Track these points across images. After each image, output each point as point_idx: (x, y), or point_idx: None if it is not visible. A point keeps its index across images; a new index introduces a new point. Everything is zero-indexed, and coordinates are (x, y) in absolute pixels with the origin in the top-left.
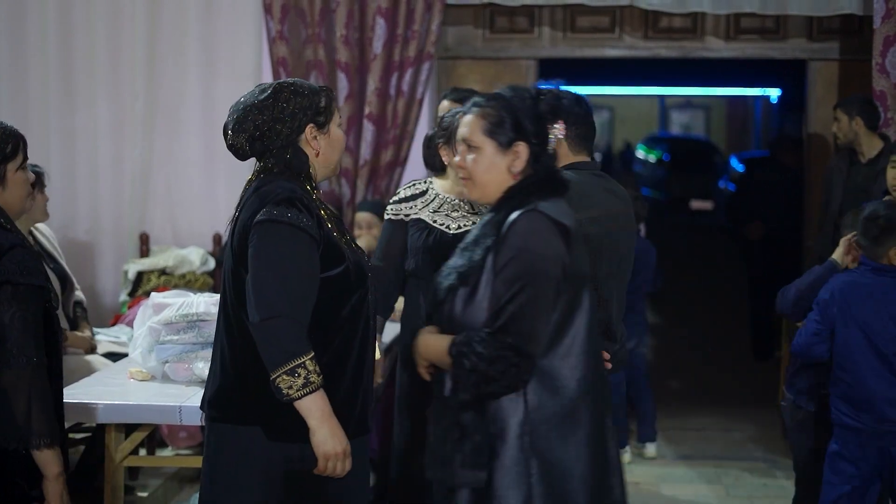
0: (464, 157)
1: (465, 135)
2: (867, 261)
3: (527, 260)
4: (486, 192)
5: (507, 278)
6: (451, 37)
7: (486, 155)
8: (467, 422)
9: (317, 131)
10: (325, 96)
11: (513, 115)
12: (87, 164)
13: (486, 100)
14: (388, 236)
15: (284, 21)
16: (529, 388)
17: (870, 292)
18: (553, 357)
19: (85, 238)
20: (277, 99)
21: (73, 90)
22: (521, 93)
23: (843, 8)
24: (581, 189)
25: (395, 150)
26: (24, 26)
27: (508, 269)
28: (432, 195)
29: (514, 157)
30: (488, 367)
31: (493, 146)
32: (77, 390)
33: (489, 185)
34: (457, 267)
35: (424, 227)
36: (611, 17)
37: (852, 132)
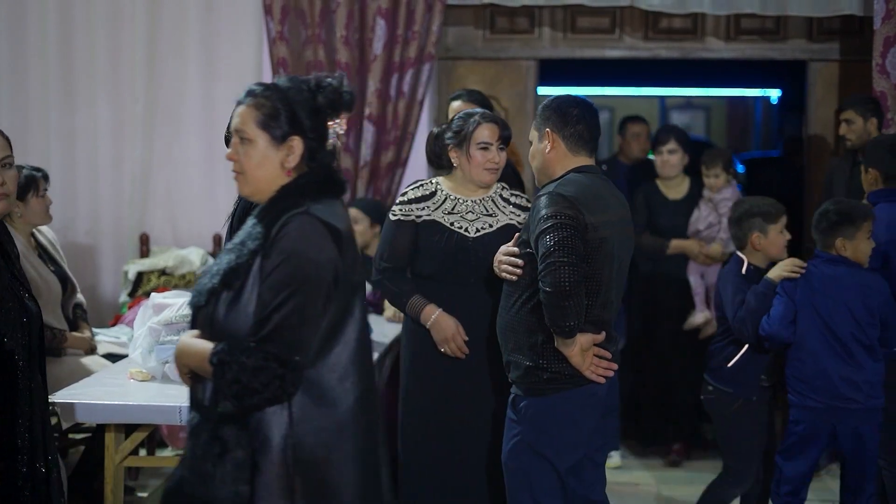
0: (236, 149)
1: (238, 125)
2: (820, 252)
3: (296, 265)
4: (259, 189)
5: (274, 284)
6: (452, 37)
7: (259, 148)
8: (228, 436)
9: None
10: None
11: (289, 108)
12: (88, 165)
13: (262, 89)
14: (393, 237)
15: (284, 22)
16: (295, 399)
17: (826, 281)
18: (321, 367)
19: (85, 239)
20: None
21: (73, 91)
22: (298, 84)
23: (844, 9)
24: (595, 192)
25: (395, 151)
26: (24, 26)
27: (276, 274)
28: (442, 196)
29: (287, 153)
30: (251, 379)
31: (267, 139)
32: (77, 390)
33: (261, 181)
34: (220, 268)
35: (443, 231)
36: (611, 18)
37: (866, 133)
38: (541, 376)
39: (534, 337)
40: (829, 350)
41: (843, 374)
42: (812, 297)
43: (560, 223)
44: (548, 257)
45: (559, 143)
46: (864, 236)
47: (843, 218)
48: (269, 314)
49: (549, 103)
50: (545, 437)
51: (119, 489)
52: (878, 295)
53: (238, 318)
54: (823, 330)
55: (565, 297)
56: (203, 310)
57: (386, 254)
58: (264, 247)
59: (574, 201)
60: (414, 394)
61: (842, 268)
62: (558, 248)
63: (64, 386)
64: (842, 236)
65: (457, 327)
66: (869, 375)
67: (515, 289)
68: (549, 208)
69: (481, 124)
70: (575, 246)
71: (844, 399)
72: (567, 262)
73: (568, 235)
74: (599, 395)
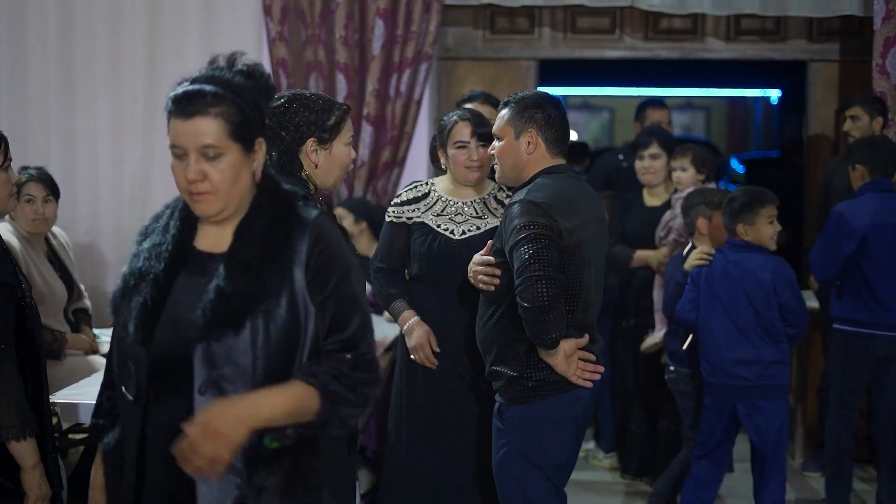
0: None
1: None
2: (731, 239)
3: (356, 274)
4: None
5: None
6: (452, 37)
7: (233, 162)
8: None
9: (317, 145)
10: (337, 115)
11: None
12: (88, 165)
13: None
14: (389, 238)
15: (284, 22)
16: None
17: (728, 269)
18: None
19: (85, 239)
20: (288, 109)
21: (74, 91)
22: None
23: (844, 9)
24: (567, 195)
25: (392, 150)
26: (24, 27)
27: (345, 285)
28: (434, 197)
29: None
30: (361, 396)
31: (239, 150)
32: (77, 390)
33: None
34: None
35: (428, 232)
36: (611, 18)
37: (870, 131)
38: (525, 385)
39: (515, 347)
40: (726, 332)
41: (737, 355)
42: (713, 282)
43: (534, 234)
44: (523, 272)
45: (540, 144)
46: (765, 221)
47: (743, 204)
48: (347, 324)
49: (527, 102)
50: (534, 445)
51: None
52: (778, 279)
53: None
54: (722, 313)
55: (545, 311)
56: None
57: (381, 254)
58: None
59: (547, 208)
60: (402, 395)
61: (745, 253)
62: (533, 261)
63: (64, 386)
64: (742, 222)
65: (427, 337)
66: (763, 356)
67: (493, 299)
68: (522, 218)
69: (457, 123)
70: (550, 257)
71: (739, 378)
72: (543, 276)
73: (543, 247)
74: (585, 399)
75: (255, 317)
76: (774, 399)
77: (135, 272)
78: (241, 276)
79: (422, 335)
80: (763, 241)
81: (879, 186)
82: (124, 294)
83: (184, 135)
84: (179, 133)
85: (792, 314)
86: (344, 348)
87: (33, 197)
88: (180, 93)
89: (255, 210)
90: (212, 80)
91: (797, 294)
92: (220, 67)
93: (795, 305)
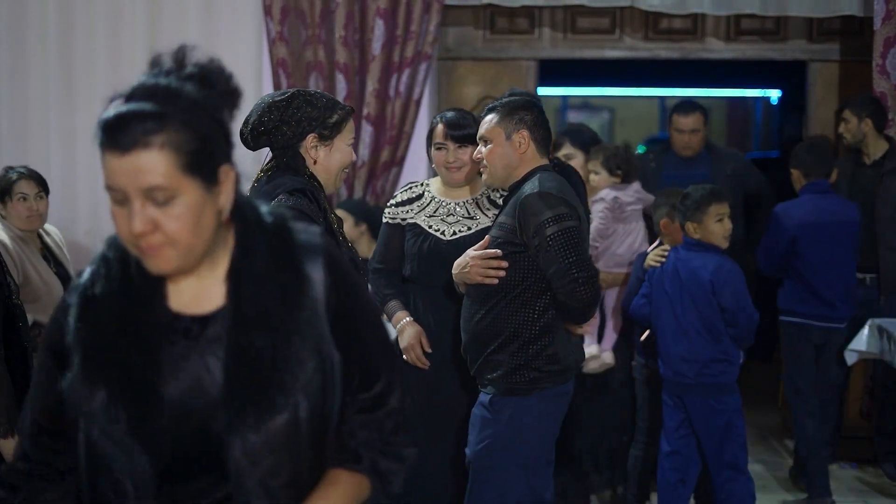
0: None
1: (149, 182)
2: (685, 237)
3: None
4: (194, 257)
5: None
6: (452, 37)
7: (190, 203)
8: None
9: (318, 142)
10: (340, 115)
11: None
12: (88, 165)
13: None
14: (385, 239)
15: (284, 22)
16: None
17: (676, 267)
18: None
19: (85, 239)
20: (290, 104)
21: (74, 91)
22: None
23: (844, 9)
24: (566, 185)
25: (391, 150)
26: (24, 26)
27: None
28: (428, 198)
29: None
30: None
31: (198, 185)
32: None
33: (200, 245)
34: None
35: (420, 233)
36: (611, 18)
37: (861, 133)
38: (526, 375)
39: (519, 337)
40: (671, 329)
41: (679, 351)
42: (664, 280)
43: (564, 229)
44: (563, 275)
45: (531, 145)
46: (712, 220)
47: (692, 203)
48: (378, 374)
49: (515, 104)
50: (523, 436)
51: None
52: (716, 279)
53: (323, 401)
54: (669, 311)
55: (592, 305)
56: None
57: (378, 255)
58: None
59: (562, 195)
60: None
61: (694, 252)
62: (573, 263)
63: None
64: (690, 220)
65: (419, 337)
66: (703, 354)
67: (496, 291)
68: (548, 211)
69: (437, 125)
70: (583, 251)
71: (682, 374)
72: (586, 277)
73: (576, 242)
74: (569, 394)
75: (293, 387)
76: (716, 397)
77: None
78: (261, 336)
79: (413, 336)
80: (712, 240)
81: (816, 187)
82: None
83: (121, 174)
84: (115, 172)
85: (729, 313)
86: (377, 404)
87: (26, 194)
88: (111, 117)
89: (246, 247)
90: (153, 93)
91: (736, 294)
92: (164, 72)
93: (732, 304)
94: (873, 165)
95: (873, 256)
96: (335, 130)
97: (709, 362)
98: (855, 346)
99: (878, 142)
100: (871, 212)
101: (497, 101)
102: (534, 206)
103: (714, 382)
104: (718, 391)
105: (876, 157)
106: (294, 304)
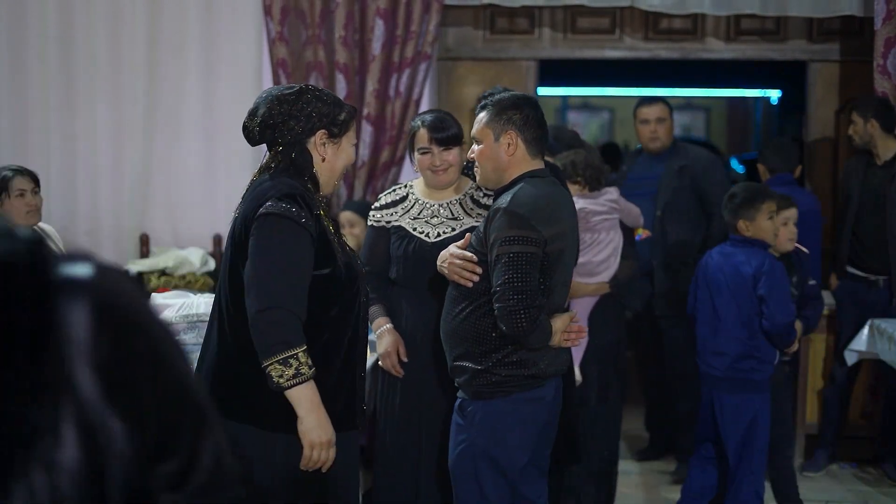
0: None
1: None
2: (731, 235)
3: None
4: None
5: None
6: (452, 38)
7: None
8: None
9: (327, 138)
10: (347, 113)
11: None
12: (88, 166)
13: None
14: (371, 242)
15: (284, 22)
16: None
17: (720, 263)
18: None
19: (85, 239)
20: (300, 97)
21: (74, 92)
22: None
23: (844, 9)
24: (548, 201)
25: (391, 150)
26: (24, 28)
27: None
28: (412, 200)
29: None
30: None
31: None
32: None
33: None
34: None
35: (405, 236)
36: (611, 19)
37: (868, 134)
38: (489, 380)
39: (483, 344)
40: (709, 322)
41: (714, 344)
42: (708, 274)
43: (515, 253)
44: (500, 299)
45: (520, 146)
46: (764, 217)
47: (742, 201)
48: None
49: (505, 104)
50: (493, 441)
51: None
52: (758, 271)
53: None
54: (709, 303)
55: (525, 335)
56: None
57: (364, 258)
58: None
59: (529, 219)
60: (384, 398)
61: (738, 248)
62: (510, 289)
63: None
64: (743, 218)
65: (396, 346)
66: (735, 349)
67: (466, 295)
68: (504, 231)
69: (419, 129)
70: (528, 279)
71: (712, 367)
72: (521, 306)
73: (522, 269)
74: (546, 400)
75: (24, 476)
76: (744, 394)
77: None
78: None
79: (390, 343)
80: (763, 236)
81: (780, 180)
82: None
83: None
84: None
85: (767, 307)
86: (184, 478)
87: (23, 190)
88: None
89: None
90: None
91: (774, 285)
92: None
93: (768, 294)
94: (884, 166)
95: (885, 258)
96: (344, 128)
97: (739, 358)
98: (855, 346)
99: (886, 142)
100: (882, 213)
101: (490, 98)
102: (498, 220)
103: (744, 378)
104: (747, 388)
105: (886, 158)
106: (27, 357)
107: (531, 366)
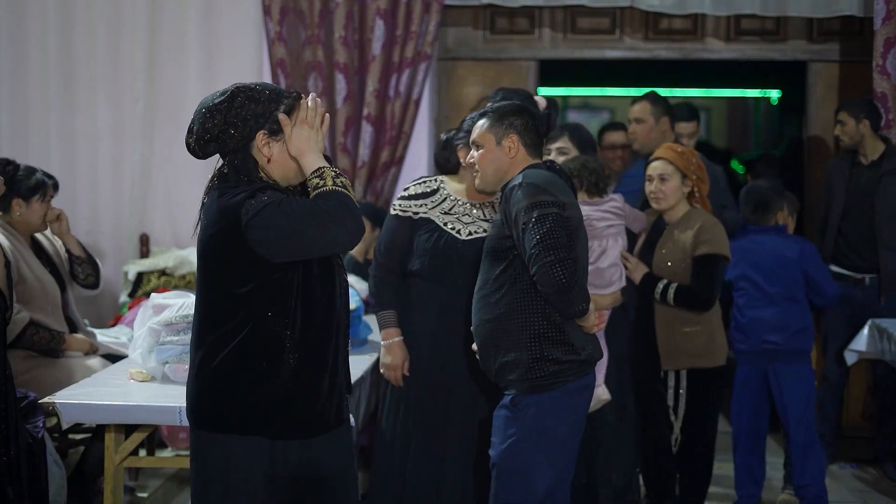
0: None
1: None
2: (751, 227)
3: None
4: None
5: None
6: (452, 38)
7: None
8: None
9: (268, 138)
10: (287, 104)
11: None
12: (88, 166)
13: None
14: (392, 232)
15: (283, 22)
16: None
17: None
18: None
19: (85, 239)
20: (231, 104)
21: (74, 91)
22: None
23: (844, 9)
24: (555, 180)
25: (391, 150)
26: (24, 28)
27: None
28: (443, 195)
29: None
30: None
31: None
32: (77, 390)
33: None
34: None
35: (434, 229)
36: (611, 19)
37: (859, 134)
38: (546, 369)
39: (528, 330)
40: (758, 300)
41: (772, 321)
42: (755, 259)
43: (540, 215)
44: (536, 260)
45: (521, 149)
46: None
47: (778, 196)
48: None
49: (506, 110)
50: (549, 432)
51: (119, 489)
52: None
53: None
54: (756, 287)
55: (566, 291)
56: None
57: (384, 248)
58: None
59: (547, 186)
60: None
61: (774, 235)
62: (542, 247)
63: (64, 386)
64: (781, 210)
65: (403, 362)
66: (794, 323)
67: (500, 287)
68: (525, 200)
69: (460, 148)
70: (559, 237)
71: (768, 342)
72: (556, 260)
73: (550, 228)
74: (592, 387)
75: None
76: (799, 364)
77: None
78: None
79: (397, 358)
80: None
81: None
82: None
83: None
84: None
85: (818, 284)
86: None
87: (50, 197)
88: None
89: None
90: None
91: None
92: None
93: (820, 277)
94: (871, 166)
95: (873, 257)
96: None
97: (799, 331)
98: (855, 346)
99: (875, 143)
100: (868, 212)
101: (489, 103)
102: (516, 195)
103: (800, 349)
104: (802, 358)
105: (873, 158)
106: None
107: (580, 350)
